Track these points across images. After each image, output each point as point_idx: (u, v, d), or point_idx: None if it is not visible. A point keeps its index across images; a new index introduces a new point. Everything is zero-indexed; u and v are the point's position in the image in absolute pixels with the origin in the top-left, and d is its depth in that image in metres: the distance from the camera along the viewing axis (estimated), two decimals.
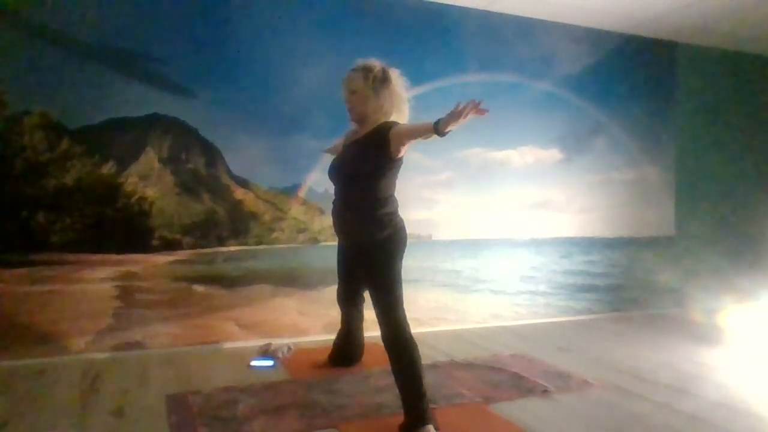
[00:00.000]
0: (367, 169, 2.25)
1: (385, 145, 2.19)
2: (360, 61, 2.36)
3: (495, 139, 4.17)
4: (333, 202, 2.42)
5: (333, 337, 3.03)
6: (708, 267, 4.71)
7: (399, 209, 2.32)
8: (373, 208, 2.24)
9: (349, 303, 2.80)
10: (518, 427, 2.21)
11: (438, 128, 1.97)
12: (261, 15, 3.52)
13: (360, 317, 2.88)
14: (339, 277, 2.74)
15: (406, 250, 2.31)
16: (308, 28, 3.64)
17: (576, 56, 4.43)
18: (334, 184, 2.42)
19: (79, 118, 3.18)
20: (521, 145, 4.30)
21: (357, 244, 2.35)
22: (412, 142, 2.20)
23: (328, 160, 3.56)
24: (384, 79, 2.29)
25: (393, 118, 2.31)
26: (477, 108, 1.91)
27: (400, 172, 2.32)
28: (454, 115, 1.91)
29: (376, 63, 2.33)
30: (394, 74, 2.33)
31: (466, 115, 1.90)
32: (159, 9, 3.30)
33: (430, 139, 2.10)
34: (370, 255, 2.26)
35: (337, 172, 2.39)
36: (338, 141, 2.71)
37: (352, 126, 2.50)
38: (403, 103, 2.34)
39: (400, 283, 2.24)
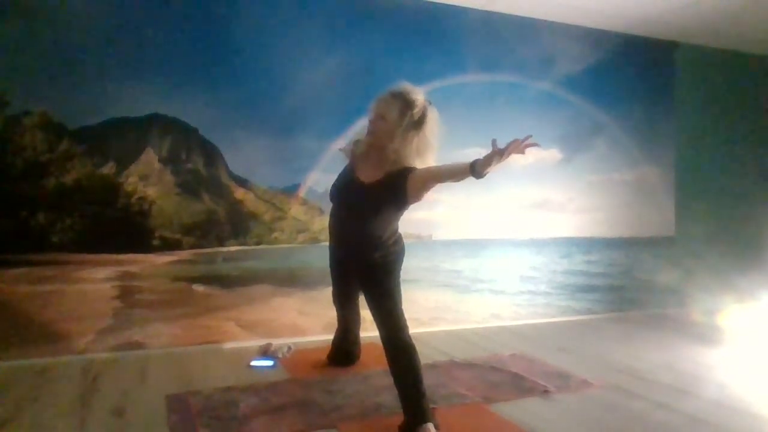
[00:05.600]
0: (378, 219, 2.18)
1: (400, 196, 2.11)
2: (405, 88, 2.14)
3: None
4: (332, 214, 2.39)
5: (332, 336, 3.03)
6: (708, 267, 4.70)
7: None
8: (378, 244, 2.21)
9: (346, 303, 2.79)
10: (518, 427, 2.21)
11: (476, 170, 1.86)
12: (261, 15, 3.52)
13: (357, 316, 2.88)
14: (333, 279, 2.71)
15: (405, 252, 2.31)
16: (308, 28, 3.64)
17: (576, 56, 4.43)
18: (336, 205, 2.36)
19: (79, 118, 3.18)
20: None
21: (355, 260, 2.33)
22: (439, 185, 2.07)
23: (329, 158, 3.62)
24: (419, 123, 2.10)
25: (413, 163, 2.14)
26: (520, 148, 1.83)
27: None
28: (495, 156, 1.81)
29: (419, 99, 2.12)
30: (432, 116, 2.14)
31: (509, 154, 1.82)
32: (159, 9, 3.30)
33: (462, 180, 1.97)
34: (369, 272, 2.26)
35: (341, 203, 2.32)
36: (352, 140, 2.49)
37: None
38: (429, 152, 2.15)
39: (399, 288, 2.25)
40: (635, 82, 4.66)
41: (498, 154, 1.82)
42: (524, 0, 3.90)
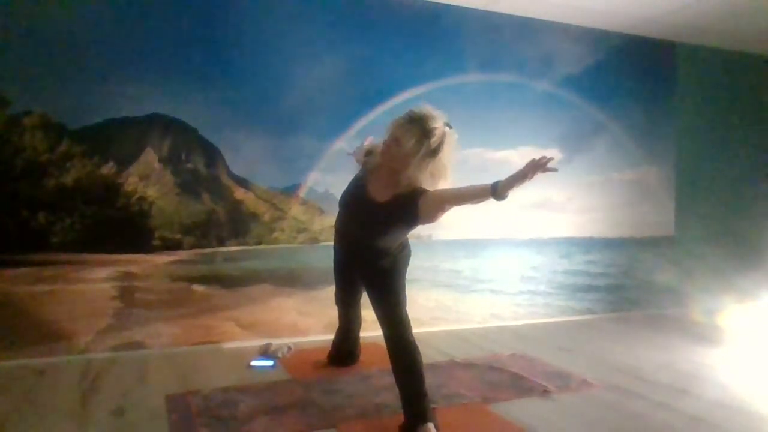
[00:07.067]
0: (386, 236, 2.20)
1: (411, 217, 2.10)
2: (424, 114, 2.04)
3: (495, 139, 4.16)
4: (339, 219, 2.41)
5: (333, 336, 3.03)
6: (708, 267, 4.70)
7: None
8: (386, 254, 2.24)
9: (348, 303, 2.79)
10: (518, 427, 2.21)
11: (497, 193, 1.85)
12: (262, 15, 3.52)
13: (359, 317, 2.88)
14: (337, 279, 2.71)
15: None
16: (308, 28, 3.63)
17: (576, 56, 4.43)
18: (344, 214, 2.37)
19: (79, 118, 3.18)
20: (521, 145, 4.29)
21: (361, 265, 2.35)
22: (456, 207, 2.05)
23: (329, 158, 3.63)
24: (436, 151, 2.03)
25: (425, 185, 2.10)
26: (542, 167, 1.83)
27: None
28: (519, 177, 1.82)
29: (438, 127, 2.03)
30: (450, 141, 2.06)
31: (532, 176, 1.83)
32: (159, 9, 3.30)
33: (480, 203, 1.96)
34: (375, 275, 2.27)
35: (349, 213, 2.33)
36: (366, 147, 2.43)
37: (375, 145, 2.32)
38: (442, 179, 2.11)
39: (404, 288, 2.26)
40: (635, 82, 4.66)
41: (521, 177, 1.83)
42: (524, 0, 3.90)
